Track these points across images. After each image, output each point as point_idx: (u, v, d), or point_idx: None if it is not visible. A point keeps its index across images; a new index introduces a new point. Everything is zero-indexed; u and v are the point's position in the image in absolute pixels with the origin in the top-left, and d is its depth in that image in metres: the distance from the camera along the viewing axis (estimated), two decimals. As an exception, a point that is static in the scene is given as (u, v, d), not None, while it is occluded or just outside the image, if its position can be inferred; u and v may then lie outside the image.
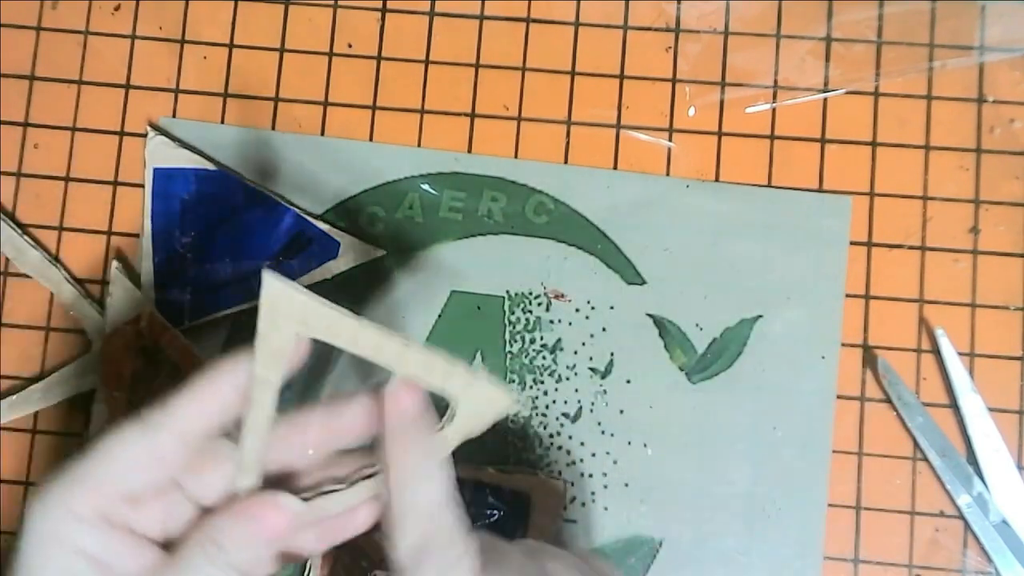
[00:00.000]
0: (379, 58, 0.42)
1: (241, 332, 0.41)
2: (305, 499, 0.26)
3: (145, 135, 0.42)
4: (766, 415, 0.40)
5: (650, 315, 0.40)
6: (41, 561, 0.25)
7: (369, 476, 0.26)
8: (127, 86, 0.42)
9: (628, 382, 0.40)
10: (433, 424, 0.26)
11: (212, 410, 0.26)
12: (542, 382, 0.40)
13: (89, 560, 0.25)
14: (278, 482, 0.27)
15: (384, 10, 0.42)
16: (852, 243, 0.40)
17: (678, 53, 0.42)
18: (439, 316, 0.41)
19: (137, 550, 0.26)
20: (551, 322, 0.40)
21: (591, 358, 0.40)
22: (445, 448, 0.26)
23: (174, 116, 0.42)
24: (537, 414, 0.40)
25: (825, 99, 0.41)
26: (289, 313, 0.24)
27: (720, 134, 0.41)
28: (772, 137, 0.41)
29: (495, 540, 0.27)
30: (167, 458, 0.26)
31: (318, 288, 0.41)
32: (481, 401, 0.25)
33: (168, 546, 0.27)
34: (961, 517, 0.39)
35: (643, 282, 0.41)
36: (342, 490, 0.26)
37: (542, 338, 0.40)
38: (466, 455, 0.39)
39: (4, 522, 0.40)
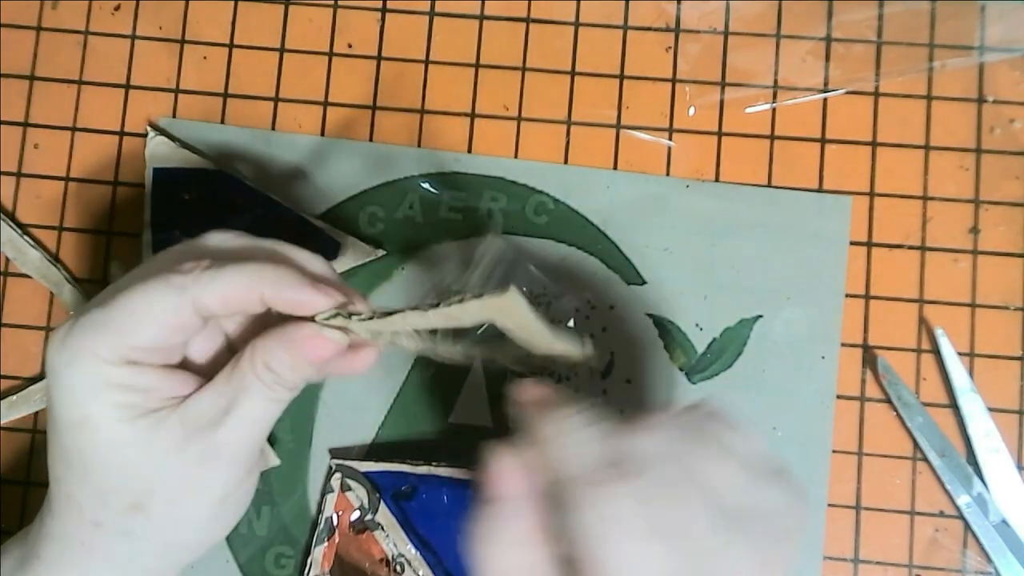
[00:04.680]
0: (379, 58, 0.42)
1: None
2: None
3: (145, 135, 0.42)
4: (766, 415, 0.40)
5: (650, 315, 0.40)
6: (79, 399, 0.26)
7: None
8: (127, 86, 0.42)
9: (628, 382, 0.40)
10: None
11: (234, 299, 0.27)
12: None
13: (127, 390, 0.27)
14: None
15: (384, 10, 0.42)
16: (852, 243, 0.40)
17: (678, 53, 0.42)
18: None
19: (169, 378, 0.28)
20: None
21: (591, 358, 0.40)
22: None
23: (174, 116, 0.42)
24: (537, 414, 0.40)
25: (825, 99, 0.41)
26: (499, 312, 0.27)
27: (720, 134, 0.41)
28: (772, 137, 0.41)
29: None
30: (187, 326, 0.28)
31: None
32: (505, 313, 0.27)
33: (192, 366, 0.30)
34: (961, 517, 0.39)
35: (643, 282, 0.41)
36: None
37: (542, 338, 0.40)
38: (467, 456, 0.39)
39: (4, 520, 0.40)
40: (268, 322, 0.29)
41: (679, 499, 0.24)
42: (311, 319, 0.29)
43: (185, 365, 0.30)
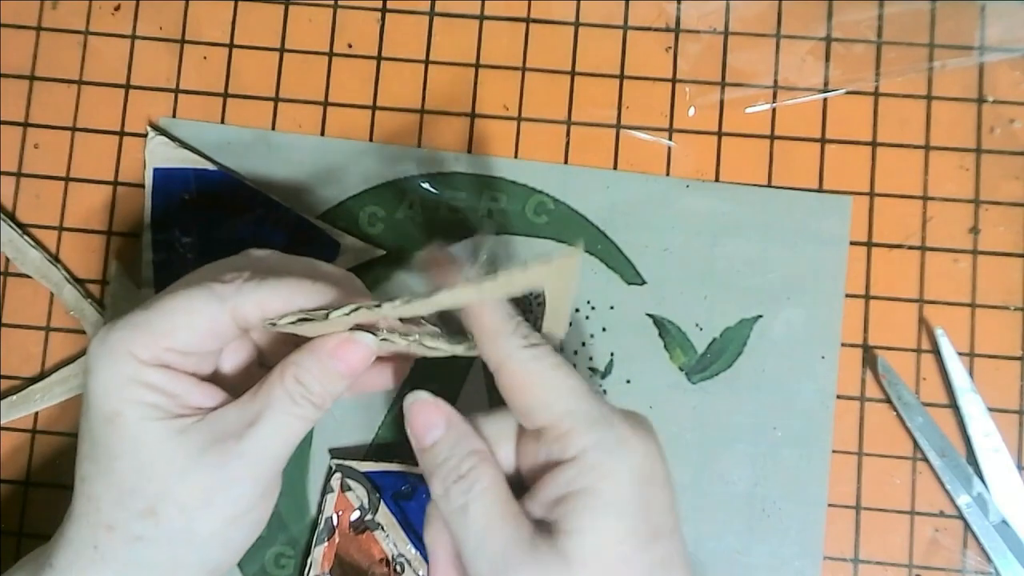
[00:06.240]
0: (379, 58, 0.42)
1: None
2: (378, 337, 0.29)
3: (145, 135, 0.42)
4: (766, 415, 0.40)
5: (650, 315, 0.40)
6: (112, 393, 0.27)
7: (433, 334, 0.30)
8: (127, 86, 0.42)
9: (628, 382, 0.40)
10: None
11: (272, 312, 0.28)
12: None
13: (157, 390, 0.27)
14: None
15: (384, 10, 0.42)
16: (852, 243, 0.40)
17: (678, 53, 0.42)
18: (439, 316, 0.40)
19: (197, 386, 0.29)
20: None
21: (591, 358, 0.40)
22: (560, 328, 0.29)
23: (174, 116, 0.42)
24: (537, 414, 0.40)
25: (825, 99, 0.41)
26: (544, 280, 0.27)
27: (720, 134, 0.41)
28: (772, 137, 0.41)
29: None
30: (224, 333, 0.28)
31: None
32: (561, 276, 0.27)
33: (223, 381, 0.30)
34: (961, 517, 0.39)
35: (643, 282, 0.41)
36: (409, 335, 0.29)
37: (542, 338, 0.40)
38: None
39: (4, 522, 0.40)
40: (301, 342, 0.29)
41: None
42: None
43: (216, 380, 0.30)
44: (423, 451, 0.29)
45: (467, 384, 0.40)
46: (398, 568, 0.38)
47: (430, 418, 0.28)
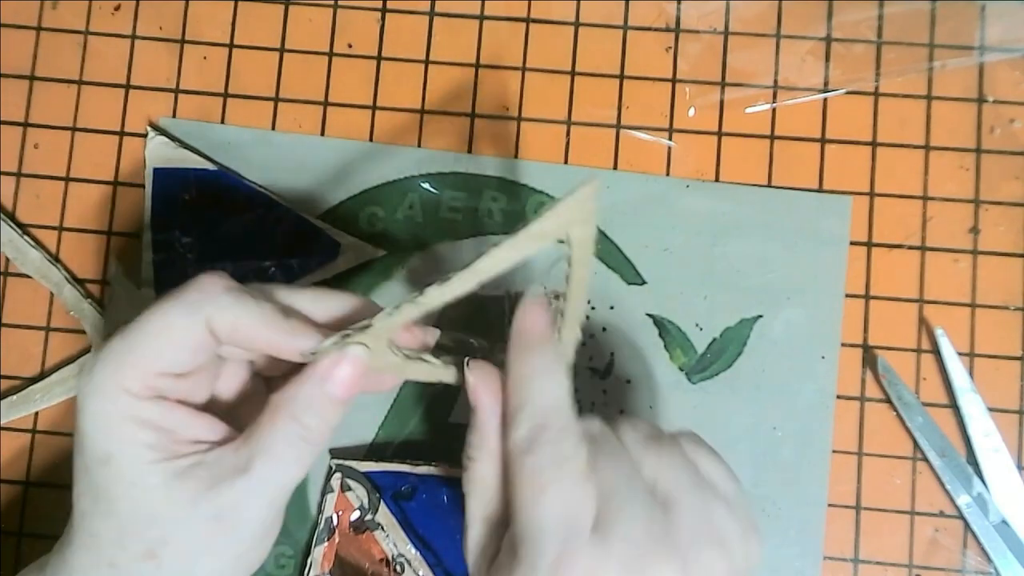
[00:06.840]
0: (379, 58, 0.42)
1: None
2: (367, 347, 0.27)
3: (145, 135, 0.42)
4: (766, 415, 0.40)
5: (650, 315, 0.40)
6: (105, 434, 0.26)
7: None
8: (127, 86, 0.42)
9: (628, 382, 0.40)
10: (554, 335, 0.28)
11: (243, 333, 0.27)
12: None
13: (152, 427, 0.26)
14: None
15: (384, 10, 0.42)
16: (852, 243, 0.40)
17: (678, 53, 0.42)
18: (439, 316, 0.40)
19: (194, 418, 0.27)
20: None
21: (591, 358, 0.40)
22: (566, 353, 0.29)
23: (174, 116, 0.42)
24: (537, 414, 0.40)
25: (825, 99, 0.41)
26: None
27: (720, 134, 0.41)
28: (772, 137, 0.41)
29: (607, 429, 0.28)
30: (202, 345, 0.27)
31: (318, 288, 0.41)
32: (583, 211, 0.27)
33: (217, 408, 0.29)
34: (961, 517, 0.39)
35: (643, 282, 0.41)
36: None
37: (542, 338, 0.40)
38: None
39: (4, 522, 0.40)
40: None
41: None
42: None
43: (215, 407, 0.29)
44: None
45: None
46: (398, 568, 0.38)
47: (474, 387, 0.28)
